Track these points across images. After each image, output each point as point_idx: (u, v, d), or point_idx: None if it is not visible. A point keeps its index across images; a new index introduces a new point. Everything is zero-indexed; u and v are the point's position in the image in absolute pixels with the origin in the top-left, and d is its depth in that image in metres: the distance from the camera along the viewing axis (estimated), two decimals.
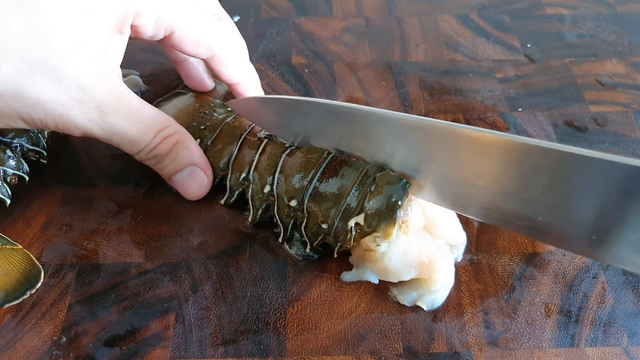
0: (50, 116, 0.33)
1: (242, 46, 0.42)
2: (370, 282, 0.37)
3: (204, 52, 0.40)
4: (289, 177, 0.37)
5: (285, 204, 0.37)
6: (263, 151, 0.39)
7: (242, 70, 0.42)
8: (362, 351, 0.34)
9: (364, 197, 0.35)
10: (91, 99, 0.34)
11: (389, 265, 0.35)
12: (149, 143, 0.37)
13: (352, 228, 0.35)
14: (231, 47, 0.41)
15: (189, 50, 0.39)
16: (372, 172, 0.35)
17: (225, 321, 0.36)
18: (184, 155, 0.39)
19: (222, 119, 0.42)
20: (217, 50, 0.40)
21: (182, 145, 0.39)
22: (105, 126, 0.35)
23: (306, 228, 0.37)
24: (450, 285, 0.36)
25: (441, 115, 0.47)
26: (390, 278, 0.36)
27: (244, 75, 0.43)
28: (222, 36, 0.40)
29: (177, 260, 0.38)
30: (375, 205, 0.34)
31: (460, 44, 0.53)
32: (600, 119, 0.47)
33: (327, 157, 0.37)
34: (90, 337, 0.35)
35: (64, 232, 0.40)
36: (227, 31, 0.40)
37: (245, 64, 0.43)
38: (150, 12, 0.36)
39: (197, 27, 0.38)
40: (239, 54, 0.42)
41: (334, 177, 0.36)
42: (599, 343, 0.35)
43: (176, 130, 0.39)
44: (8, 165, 0.39)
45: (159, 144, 0.38)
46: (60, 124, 0.34)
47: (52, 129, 0.35)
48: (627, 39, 0.54)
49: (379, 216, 0.34)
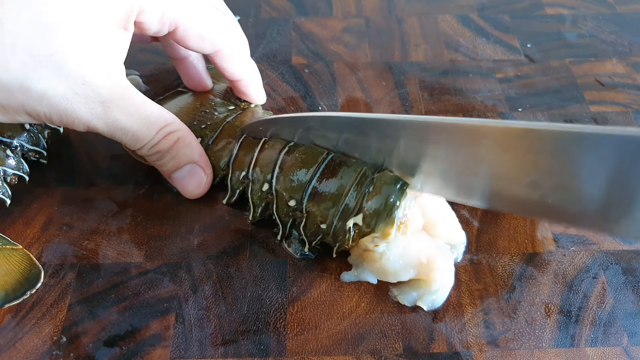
0: (55, 110, 0.34)
1: (244, 42, 0.42)
2: (370, 282, 0.37)
3: (209, 47, 0.39)
4: (287, 175, 0.37)
5: (284, 203, 0.37)
6: (262, 149, 0.39)
7: (246, 67, 0.43)
8: (362, 351, 0.34)
9: (362, 197, 0.35)
10: (95, 94, 0.34)
11: (388, 266, 0.35)
12: (151, 139, 0.37)
13: (351, 228, 0.35)
14: (235, 42, 0.41)
15: (193, 45, 0.39)
16: (370, 173, 0.35)
17: (225, 321, 0.36)
18: (185, 153, 0.39)
19: (223, 118, 0.42)
20: (221, 46, 0.40)
21: (183, 142, 0.39)
22: (109, 121, 0.35)
23: (305, 228, 0.37)
24: (450, 285, 0.36)
25: (441, 116, 0.47)
26: (389, 278, 0.36)
27: (247, 72, 0.43)
28: (226, 31, 0.40)
29: (177, 260, 0.38)
30: (374, 205, 0.34)
31: (460, 44, 0.53)
32: (600, 119, 0.47)
33: (326, 158, 0.37)
34: (90, 337, 0.35)
35: (64, 232, 0.40)
36: (231, 27, 0.40)
37: (248, 60, 0.43)
38: (154, 8, 0.36)
39: (202, 22, 0.38)
40: (242, 50, 0.42)
41: (333, 177, 0.36)
42: (599, 343, 0.35)
43: (178, 128, 0.39)
44: (8, 165, 0.39)
45: (161, 140, 0.38)
46: (64, 119, 0.34)
47: (57, 124, 0.35)
48: (627, 39, 0.54)
49: (377, 217, 0.34)
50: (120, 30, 0.36)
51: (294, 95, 0.48)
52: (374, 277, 0.37)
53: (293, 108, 0.47)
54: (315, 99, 0.48)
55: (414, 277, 0.36)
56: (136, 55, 0.51)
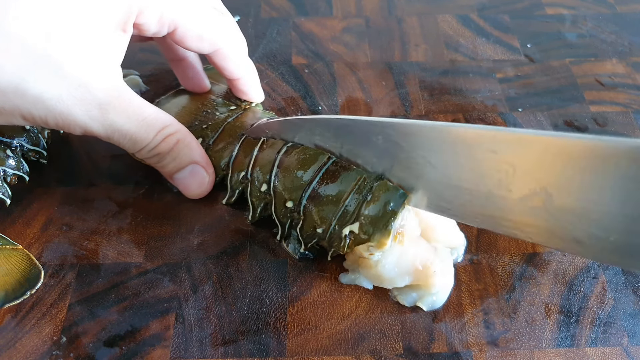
0: (51, 113, 0.33)
1: (242, 41, 0.42)
2: (366, 287, 0.37)
3: (208, 46, 0.39)
4: (284, 176, 0.37)
5: (282, 204, 0.37)
6: (260, 149, 0.39)
7: (244, 65, 0.42)
8: (362, 351, 0.34)
9: (361, 204, 0.35)
10: (92, 96, 0.34)
11: (383, 273, 0.35)
12: (150, 141, 0.37)
13: (347, 236, 0.35)
14: (234, 41, 0.41)
15: (192, 45, 0.39)
16: (370, 181, 0.35)
17: (225, 321, 0.36)
18: (186, 154, 0.39)
19: (224, 119, 0.42)
20: (220, 45, 0.40)
21: (183, 143, 0.39)
22: (107, 124, 0.35)
23: (301, 229, 0.37)
24: (450, 286, 0.36)
25: (441, 115, 0.47)
26: (384, 285, 0.36)
27: (245, 71, 0.43)
28: (225, 31, 0.40)
29: (177, 260, 0.38)
30: (371, 214, 0.34)
31: (460, 44, 0.53)
32: (600, 119, 0.47)
33: (327, 162, 0.37)
34: (90, 337, 0.35)
35: (64, 232, 0.40)
36: (229, 26, 0.40)
37: (246, 58, 0.43)
38: (153, 9, 0.36)
39: (201, 22, 0.38)
40: (240, 49, 0.42)
41: (332, 181, 0.36)
42: (599, 343, 0.35)
43: (177, 129, 0.38)
44: (8, 165, 0.39)
45: (160, 143, 0.38)
46: (60, 122, 0.34)
47: (53, 127, 0.35)
48: (627, 39, 0.54)
49: (373, 226, 0.34)
50: (118, 32, 0.35)
51: (294, 95, 0.48)
52: (369, 282, 0.37)
53: (293, 108, 0.47)
54: (315, 99, 0.48)
55: (410, 283, 0.35)
56: (136, 55, 0.51)
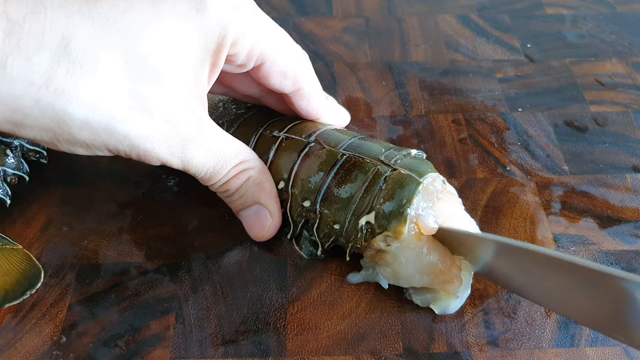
0: (135, 150, 0.32)
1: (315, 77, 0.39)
2: (372, 282, 0.37)
3: (290, 85, 0.37)
4: (303, 176, 0.37)
5: (298, 203, 0.37)
6: (278, 148, 0.39)
7: (322, 103, 0.40)
8: (362, 351, 0.34)
9: (375, 196, 0.35)
10: (176, 133, 0.32)
11: (401, 270, 0.34)
12: (224, 176, 0.36)
13: (363, 227, 0.35)
14: (313, 78, 0.38)
15: (275, 83, 0.36)
16: (383, 172, 0.35)
17: (225, 321, 0.36)
18: (253, 192, 0.37)
19: (240, 115, 0.42)
20: (303, 84, 0.37)
21: (253, 181, 0.37)
22: (185, 159, 0.34)
23: (318, 229, 0.37)
24: (466, 295, 0.36)
25: (441, 115, 0.47)
26: (401, 283, 0.35)
27: (324, 108, 0.40)
28: (306, 67, 0.37)
29: (177, 260, 0.38)
30: (386, 203, 0.34)
31: (460, 44, 0.53)
32: (600, 119, 0.47)
33: (340, 159, 0.37)
34: (90, 337, 0.35)
35: (64, 232, 0.40)
36: (307, 60, 0.38)
37: (322, 95, 0.39)
38: (247, 40, 0.34)
39: (286, 57, 0.35)
40: (318, 86, 0.39)
41: (347, 177, 0.36)
42: (599, 343, 0.35)
43: (252, 166, 0.37)
44: (8, 165, 0.39)
45: (232, 178, 0.36)
46: (142, 157, 0.33)
47: (134, 159, 0.33)
48: (627, 39, 0.54)
49: (389, 215, 0.34)
50: (208, 64, 0.34)
51: None
52: (385, 281, 0.36)
53: None
54: None
55: (427, 285, 0.35)
56: None
